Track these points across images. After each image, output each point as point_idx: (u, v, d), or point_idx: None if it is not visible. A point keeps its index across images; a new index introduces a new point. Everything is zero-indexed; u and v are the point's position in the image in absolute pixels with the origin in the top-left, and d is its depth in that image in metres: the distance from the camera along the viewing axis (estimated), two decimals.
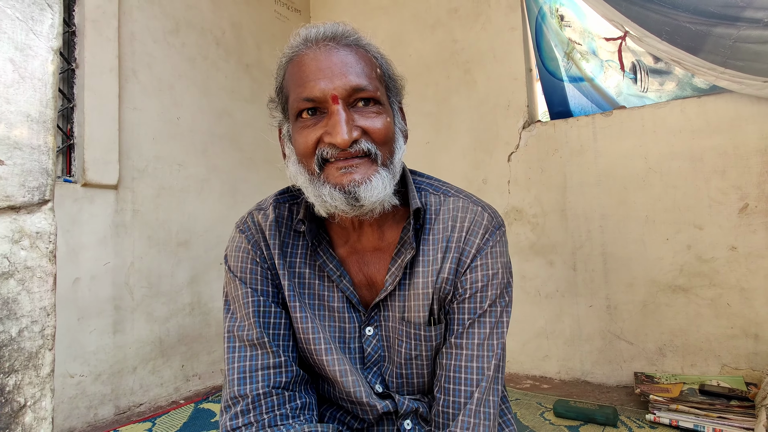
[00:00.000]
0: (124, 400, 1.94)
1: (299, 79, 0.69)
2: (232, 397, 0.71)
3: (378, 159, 0.68)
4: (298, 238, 0.80)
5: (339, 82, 0.66)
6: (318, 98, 0.66)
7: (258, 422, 0.69)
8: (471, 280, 0.74)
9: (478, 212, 0.77)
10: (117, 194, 1.97)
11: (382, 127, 0.68)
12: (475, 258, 0.75)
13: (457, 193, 0.81)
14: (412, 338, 0.76)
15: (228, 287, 0.80)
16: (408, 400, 0.78)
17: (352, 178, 0.66)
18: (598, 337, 2.15)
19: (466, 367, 0.72)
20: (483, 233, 0.76)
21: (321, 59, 0.67)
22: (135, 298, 2.01)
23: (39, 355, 0.55)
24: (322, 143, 0.67)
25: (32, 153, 0.56)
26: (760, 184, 1.86)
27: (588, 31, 2.26)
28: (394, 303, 0.77)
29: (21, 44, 0.55)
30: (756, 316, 1.86)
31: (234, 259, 0.79)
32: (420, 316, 0.75)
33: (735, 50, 1.65)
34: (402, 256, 0.75)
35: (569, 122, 2.25)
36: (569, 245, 2.23)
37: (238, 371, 0.73)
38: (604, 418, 1.67)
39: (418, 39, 2.69)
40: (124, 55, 2.03)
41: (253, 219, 0.81)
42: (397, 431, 0.78)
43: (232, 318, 0.77)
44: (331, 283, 0.78)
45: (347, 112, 0.66)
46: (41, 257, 0.56)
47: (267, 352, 0.73)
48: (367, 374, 0.78)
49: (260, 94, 2.69)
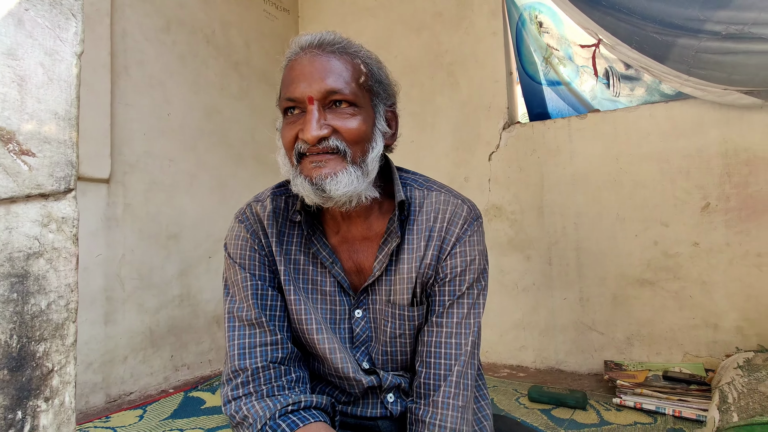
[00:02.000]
0: (115, 389, 1.99)
1: (287, 81, 0.78)
2: (233, 371, 0.78)
3: (348, 156, 0.75)
4: (293, 228, 0.87)
5: (316, 86, 0.74)
6: (297, 98, 0.75)
7: (257, 392, 0.77)
8: (451, 265, 0.82)
9: (458, 205, 0.86)
10: (109, 188, 2.01)
11: (353, 127, 0.76)
12: (455, 246, 0.83)
13: (440, 188, 0.89)
14: (397, 318, 0.83)
15: (228, 272, 0.87)
16: (391, 376, 0.85)
17: (320, 172, 0.74)
18: (571, 328, 2.27)
19: (446, 343, 0.81)
20: (462, 224, 0.84)
21: (305, 65, 0.76)
22: (126, 290, 2.06)
23: (64, 326, 0.62)
24: (299, 138, 0.76)
25: (59, 147, 0.62)
26: (720, 184, 2.00)
27: (565, 38, 2.38)
28: (381, 287, 0.85)
29: (50, 50, 0.62)
30: (716, 307, 1.99)
31: (234, 246, 0.86)
32: (404, 298, 0.83)
33: (697, 60, 1.77)
34: (388, 244, 0.83)
35: (547, 124, 2.37)
36: (545, 241, 2.34)
37: (238, 347, 0.80)
38: (575, 401, 1.79)
39: (404, 41, 2.78)
40: (117, 52, 2.07)
41: (252, 210, 0.89)
42: (380, 404, 0.86)
43: (231, 300, 0.84)
44: (324, 269, 0.86)
45: (320, 112, 0.74)
46: (66, 239, 0.63)
47: (265, 331, 0.80)
48: (355, 353, 0.86)
49: (248, 92, 2.74)
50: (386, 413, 0.85)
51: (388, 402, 0.86)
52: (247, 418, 0.74)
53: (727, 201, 1.98)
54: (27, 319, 0.59)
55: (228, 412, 0.77)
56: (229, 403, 0.77)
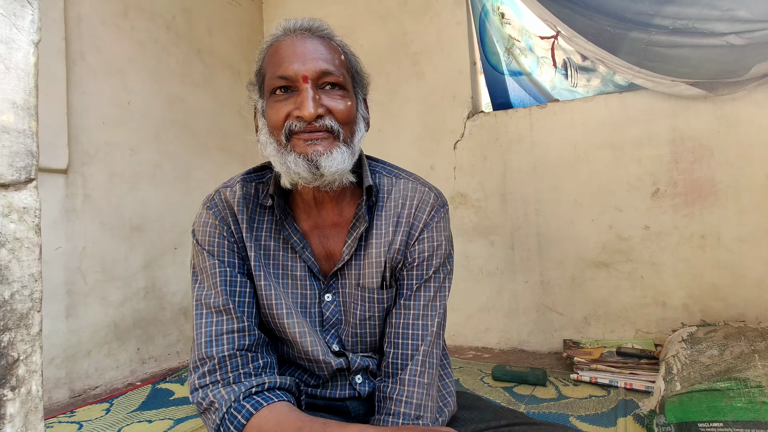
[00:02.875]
0: (79, 384, 1.95)
1: (276, 61, 0.78)
2: (200, 359, 0.79)
3: (340, 136, 0.78)
4: (264, 214, 0.88)
5: (310, 65, 0.76)
6: (291, 77, 0.76)
7: (224, 379, 0.77)
8: (419, 250, 0.85)
9: (425, 192, 0.89)
10: (67, 179, 1.95)
11: (345, 108, 0.78)
12: (423, 231, 0.86)
13: (408, 176, 0.92)
14: (367, 301, 0.86)
15: (196, 259, 0.87)
16: (360, 358, 0.87)
17: (316, 149, 0.75)
18: (533, 309, 2.38)
19: (413, 324, 0.84)
20: (429, 210, 0.87)
21: (297, 45, 0.77)
22: (88, 283, 2.01)
23: (29, 315, 0.62)
24: (291, 117, 0.76)
25: (18, 136, 0.62)
26: (669, 171, 2.12)
27: (525, 29, 2.44)
28: (350, 271, 0.87)
29: (5, 38, 0.61)
30: (665, 286, 2.13)
31: (202, 233, 0.86)
32: (374, 282, 0.86)
33: (647, 52, 1.86)
34: (357, 229, 0.85)
35: (509, 113, 2.44)
36: (508, 227, 2.43)
37: (205, 335, 0.80)
38: (535, 378, 1.88)
39: (369, 30, 2.79)
40: (71, 37, 2.00)
41: (221, 196, 0.89)
42: (349, 385, 0.88)
43: (200, 287, 0.84)
44: (295, 254, 0.87)
45: (315, 91, 0.76)
46: (28, 230, 0.63)
47: (232, 318, 0.81)
48: (325, 336, 0.88)
49: (212, 80, 2.69)
50: (354, 394, 0.88)
51: (356, 383, 0.88)
52: (213, 403, 0.75)
53: (675, 186, 2.11)
54: None
55: (195, 399, 0.78)
56: (196, 390, 0.78)
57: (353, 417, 0.89)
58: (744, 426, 1.15)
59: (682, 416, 1.23)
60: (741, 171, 2.00)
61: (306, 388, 0.89)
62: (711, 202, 2.04)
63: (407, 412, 0.79)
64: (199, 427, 1.59)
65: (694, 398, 1.26)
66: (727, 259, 2.02)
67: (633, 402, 1.64)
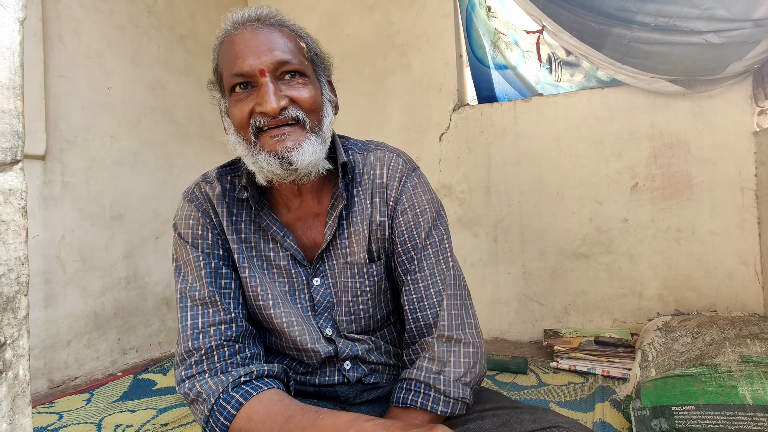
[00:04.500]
0: (58, 374, 1.92)
1: (230, 58, 0.76)
2: (187, 351, 0.78)
3: (307, 125, 0.77)
4: (241, 207, 0.87)
5: (266, 58, 0.74)
6: (247, 73, 0.74)
7: (211, 370, 0.77)
8: (404, 221, 0.85)
9: (393, 159, 0.88)
10: (44, 165, 1.90)
11: (308, 96, 0.77)
12: (399, 200, 0.85)
13: (376, 146, 0.91)
14: (357, 277, 0.86)
15: (179, 253, 0.86)
16: (349, 347, 0.87)
17: (285, 145, 0.74)
18: (515, 300, 2.42)
19: (426, 295, 0.83)
20: (400, 177, 0.86)
21: (248, 38, 0.75)
22: (67, 272, 1.97)
23: (16, 299, 0.61)
24: (254, 114, 0.75)
25: (3, 116, 0.60)
26: (648, 165, 2.17)
27: (511, 23, 2.47)
28: (337, 252, 0.87)
29: None
30: (641, 277, 2.19)
31: (185, 226, 0.85)
32: (361, 257, 0.85)
33: (630, 49, 1.90)
34: (336, 208, 0.85)
35: (494, 106, 2.46)
36: (492, 219, 2.46)
37: (191, 328, 0.79)
38: (516, 366, 1.93)
39: (356, 19, 2.77)
40: (49, 19, 1.94)
41: (201, 189, 0.88)
42: (338, 371, 0.88)
43: (183, 280, 0.83)
44: (276, 243, 0.86)
45: (275, 83, 0.75)
46: (14, 212, 0.61)
47: (218, 310, 0.80)
48: (318, 319, 0.87)
49: (195, 67, 2.64)
50: (343, 380, 0.88)
51: (345, 369, 0.88)
52: (201, 394, 0.74)
53: (653, 181, 2.16)
54: None
55: (182, 390, 0.77)
56: (183, 382, 0.77)
57: (343, 401, 0.89)
58: (714, 409, 1.20)
59: (656, 400, 1.28)
60: (715, 166, 2.06)
61: (295, 375, 0.89)
62: (687, 196, 2.11)
63: (430, 366, 0.79)
64: (183, 416, 1.59)
65: (668, 383, 1.31)
66: (700, 252, 2.09)
67: (610, 388, 1.70)
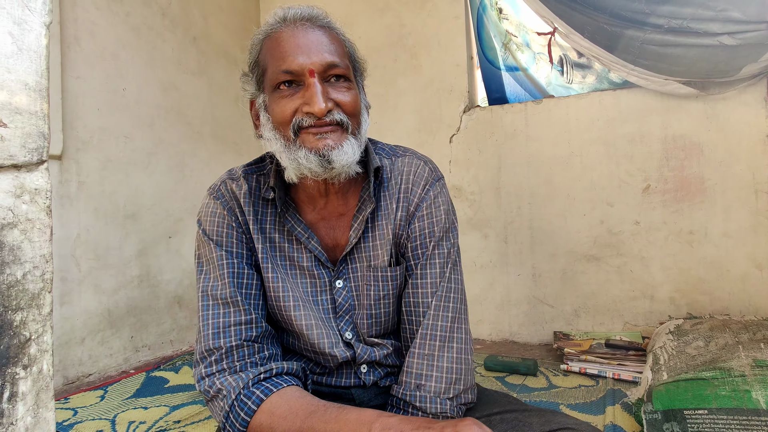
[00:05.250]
0: (73, 371, 1.95)
1: (278, 54, 0.76)
2: (207, 350, 0.79)
3: (348, 128, 0.77)
4: (266, 206, 0.88)
5: (316, 58, 0.74)
6: (296, 71, 0.74)
7: (230, 368, 0.77)
8: (419, 227, 0.86)
9: (420, 166, 0.89)
10: (61, 165, 1.93)
11: (351, 100, 0.78)
12: (420, 207, 0.87)
13: (405, 152, 0.93)
14: (380, 281, 0.86)
15: (202, 249, 0.86)
16: (368, 352, 0.87)
17: (326, 143, 0.75)
18: (524, 302, 2.42)
19: (423, 302, 0.84)
20: (424, 184, 0.88)
21: (299, 36, 0.75)
22: (82, 270, 2.00)
23: (40, 296, 0.63)
24: (299, 112, 0.75)
25: (30, 118, 0.62)
26: (660, 167, 2.16)
27: (523, 25, 2.46)
28: (360, 254, 0.87)
29: (18, 19, 0.61)
30: (653, 280, 2.18)
31: (209, 223, 0.85)
32: (385, 260, 0.86)
33: (642, 51, 1.90)
34: (363, 212, 0.85)
35: (505, 108, 2.46)
36: (502, 220, 2.46)
37: (212, 327, 0.79)
38: (526, 368, 1.92)
39: (367, 21, 2.78)
40: (66, 21, 1.97)
41: (227, 187, 0.88)
42: (354, 374, 0.89)
43: (206, 278, 0.83)
44: (300, 244, 0.87)
45: (323, 85, 0.75)
46: (40, 211, 0.63)
47: (239, 310, 0.80)
48: (339, 322, 0.88)
49: (207, 68, 2.67)
50: (360, 383, 0.88)
51: (362, 373, 0.89)
52: (221, 390, 0.75)
53: (665, 183, 2.15)
54: (3, 288, 0.60)
55: (202, 388, 0.78)
56: (203, 379, 0.78)
57: (358, 404, 0.89)
58: (727, 413, 1.19)
59: (668, 404, 1.27)
60: (729, 169, 2.05)
61: (312, 375, 0.89)
62: (699, 199, 2.09)
63: (408, 380, 0.81)
64: (195, 414, 1.61)
65: (680, 387, 1.30)
66: (713, 255, 2.07)
67: (621, 391, 1.69)
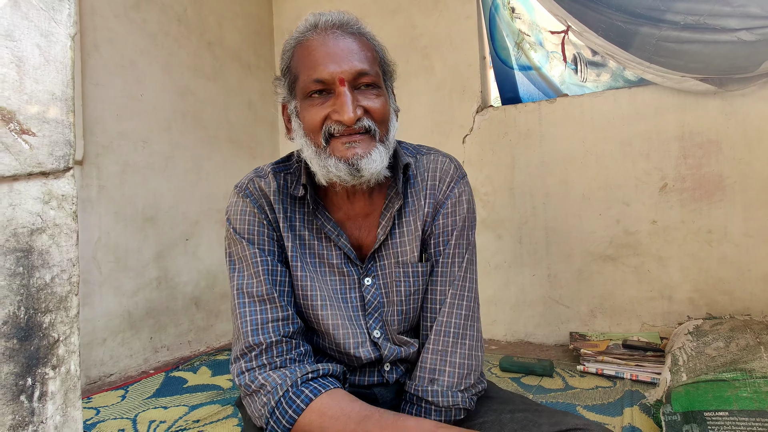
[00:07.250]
0: (95, 371, 2.00)
1: (309, 62, 0.77)
2: (248, 346, 0.80)
3: (377, 135, 0.79)
4: (295, 204, 0.89)
5: (346, 66, 0.75)
6: (327, 80, 0.76)
7: (271, 364, 0.79)
8: (442, 224, 0.88)
9: (446, 163, 0.92)
10: (82, 170, 1.98)
11: (380, 107, 0.79)
12: (445, 204, 0.88)
13: (429, 150, 0.95)
14: (410, 276, 0.87)
15: (233, 248, 0.87)
16: (394, 351, 0.88)
17: (355, 152, 0.76)
18: (539, 302, 2.40)
19: (440, 300, 0.87)
20: (449, 181, 0.90)
21: (329, 44, 0.77)
22: (103, 273, 2.05)
23: (68, 298, 0.65)
24: (329, 120, 0.77)
25: (57, 126, 0.64)
26: (677, 166, 2.13)
27: (536, 24, 2.45)
28: (388, 251, 0.88)
29: (45, 31, 0.63)
30: (670, 280, 2.15)
31: (240, 222, 0.86)
32: (414, 256, 0.87)
33: (658, 48, 1.87)
34: (390, 209, 0.87)
35: (518, 108, 2.45)
36: (516, 220, 2.45)
37: (251, 324, 0.81)
38: (542, 369, 1.91)
39: (378, 23, 2.79)
40: (85, 29, 2.02)
41: (255, 185, 0.88)
42: (377, 372, 0.90)
43: (240, 276, 0.84)
44: (330, 242, 0.88)
45: (352, 93, 0.76)
46: (66, 216, 0.65)
47: (276, 307, 0.82)
48: (368, 320, 0.88)
49: (222, 73, 2.71)
50: (382, 381, 0.89)
51: (385, 371, 0.90)
52: (264, 386, 0.76)
53: (682, 181, 2.12)
54: (33, 291, 0.62)
55: (242, 382, 0.79)
56: (243, 374, 0.79)
57: (381, 403, 0.90)
58: (749, 415, 1.17)
59: (688, 405, 1.25)
60: (748, 166, 2.01)
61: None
62: (718, 198, 2.06)
63: (422, 375, 0.83)
64: (214, 413, 1.63)
65: (700, 388, 1.28)
66: (733, 254, 2.04)
67: (639, 393, 1.67)
